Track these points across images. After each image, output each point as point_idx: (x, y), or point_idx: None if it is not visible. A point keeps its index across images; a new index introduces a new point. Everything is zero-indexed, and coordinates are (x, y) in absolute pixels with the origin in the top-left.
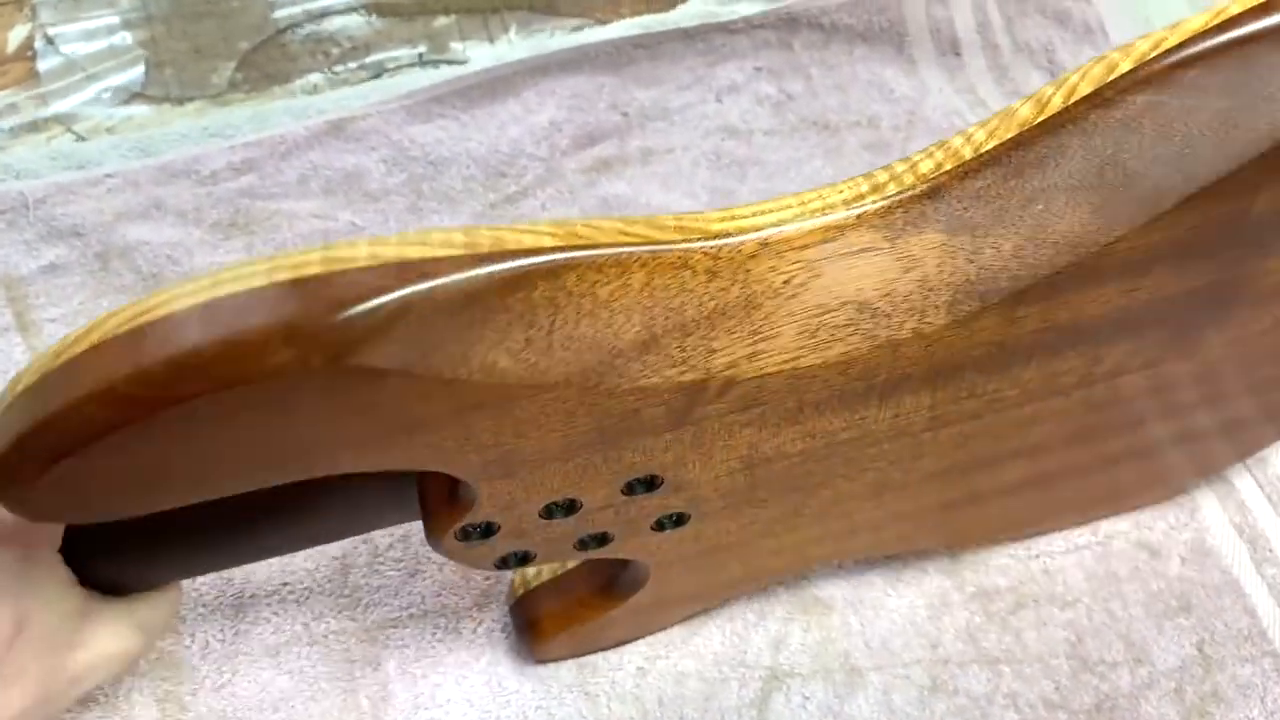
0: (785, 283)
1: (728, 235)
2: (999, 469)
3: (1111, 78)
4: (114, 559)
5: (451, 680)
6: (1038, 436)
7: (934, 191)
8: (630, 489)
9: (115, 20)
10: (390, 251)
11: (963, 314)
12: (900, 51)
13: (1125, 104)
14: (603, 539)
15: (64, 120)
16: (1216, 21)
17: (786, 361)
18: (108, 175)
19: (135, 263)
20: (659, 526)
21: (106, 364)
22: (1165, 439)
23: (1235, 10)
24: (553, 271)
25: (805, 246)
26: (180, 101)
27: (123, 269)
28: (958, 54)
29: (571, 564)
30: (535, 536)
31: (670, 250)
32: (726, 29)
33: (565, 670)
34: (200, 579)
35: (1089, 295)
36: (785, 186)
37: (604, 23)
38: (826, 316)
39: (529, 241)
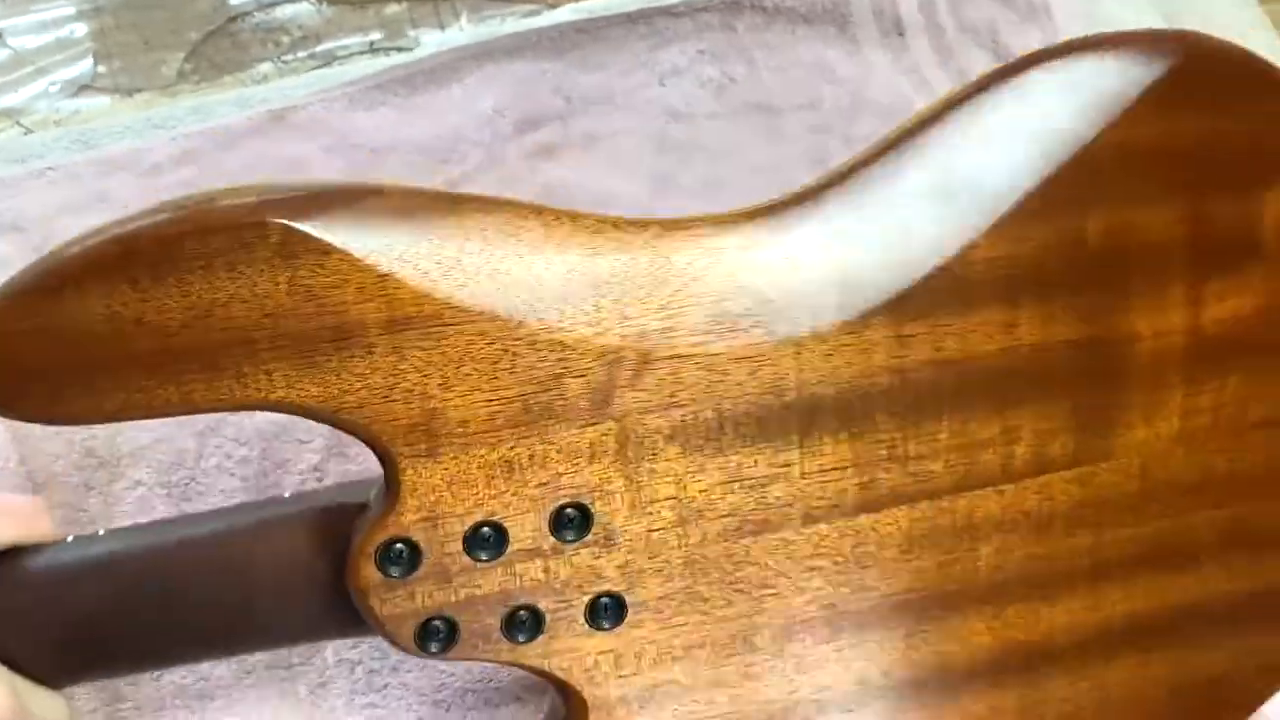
0: (688, 264)
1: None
2: (959, 623)
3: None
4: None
5: (388, 667)
6: (989, 567)
7: (815, 193)
8: (559, 524)
9: (66, 12)
10: None
11: (852, 313)
12: (843, 32)
13: (950, 119)
14: (535, 619)
15: (12, 114)
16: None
17: (696, 344)
18: (49, 169)
19: None
20: (594, 617)
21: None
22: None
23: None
24: (484, 206)
25: (702, 235)
26: (129, 93)
27: None
28: (901, 34)
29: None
30: (460, 590)
31: (588, 217)
32: (669, 12)
33: None
34: None
35: (970, 320)
36: (728, 170)
37: (555, 7)
38: (727, 303)
39: None
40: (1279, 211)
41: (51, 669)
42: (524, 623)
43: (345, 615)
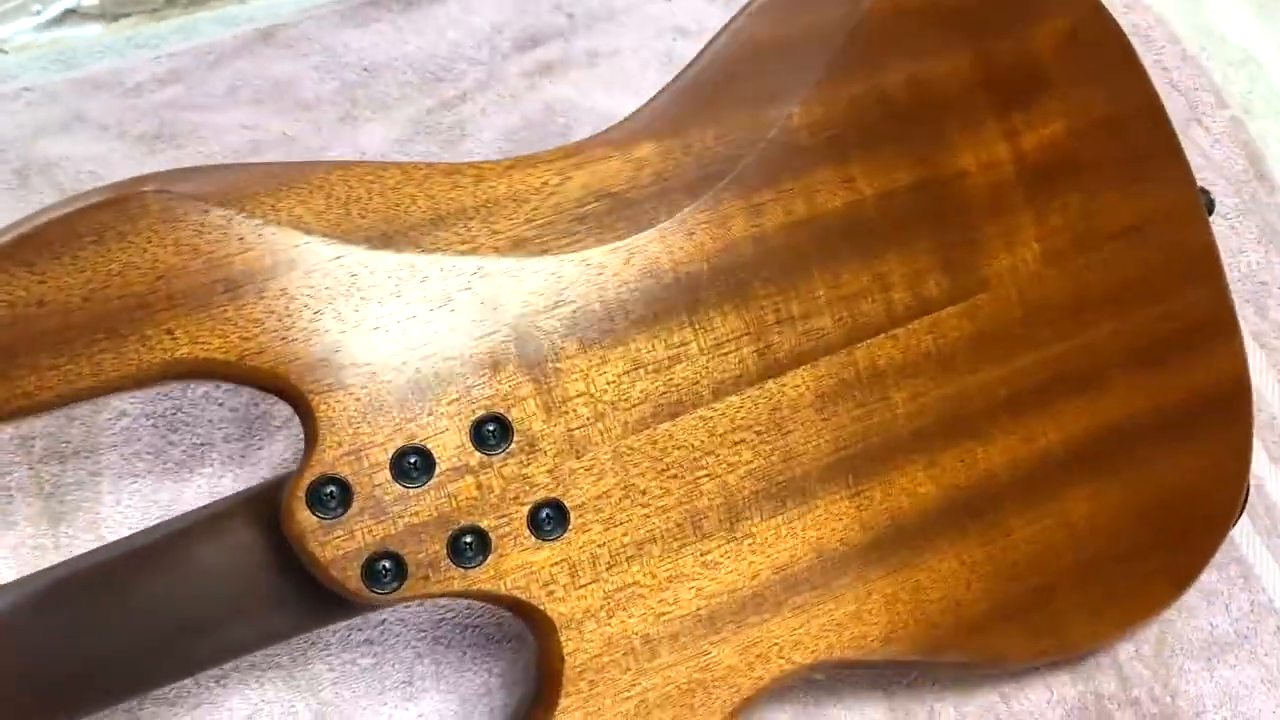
0: (543, 184)
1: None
2: (898, 477)
3: None
4: None
5: None
6: (907, 415)
7: (652, 109)
8: (480, 438)
9: None
10: None
11: (702, 193)
12: None
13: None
14: (481, 540)
15: None
16: None
17: (566, 245)
18: (25, 89)
19: (56, 178)
20: (538, 528)
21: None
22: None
23: None
24: (343, 164)
25: (552, 160)
26: (115, 18)
27: (43, 185)
28: None
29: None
30: (398, 520)
31: (441, 164)
32: None
33: None
34: None
35: (809, 180)
36: None
37: None
38: (587, 208)
39: None
40: (1049, 44)
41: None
42: (470, 545)
43: (304, 597)
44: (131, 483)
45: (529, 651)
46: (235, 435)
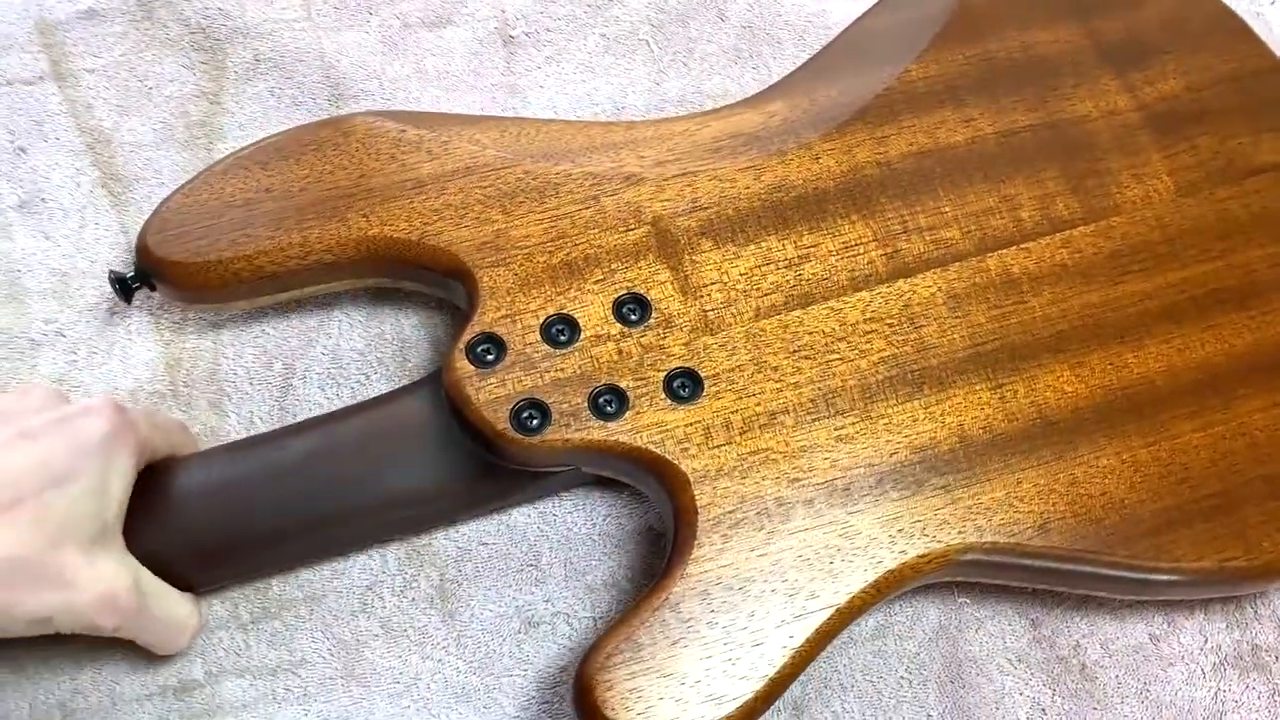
0: (684, 130)
1: None
2: (1041, 374)
3: None
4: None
5: None
6: (1045, 318)
7: (781, 83)
8: (621, 312)
9: None
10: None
11: (827, 129)
12: None
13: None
14: (620, 398)
15: None
16: None
17: (702, 164)
18: None
19: (182, 13)
20: (673, 391)
21: None
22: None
23: None
24: (516, 119)
25: (693, 117)
26: None
27: (169, 20)
28: None
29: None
30: (545, 374)
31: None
32: None
33: None
34: None
35: (930, 119)
36: None
37: None
38: (723, 143)
39: None
40: (1155, 22)
41: (189, 570)
42: (609, 402)
43: (468, 468)
44: None
45: (661, 546)
46: None
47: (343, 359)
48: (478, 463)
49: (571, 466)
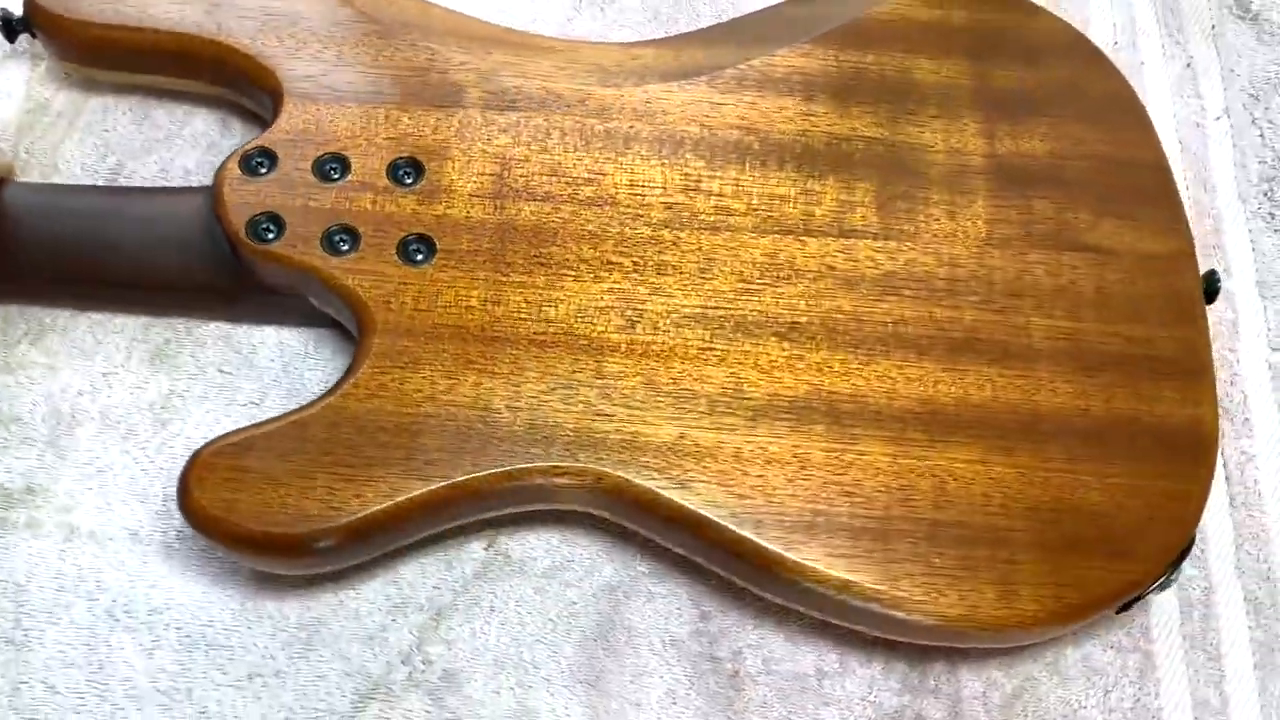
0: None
1: None
2: (762, 351)
3: None
4: None
5: None
6: (792, 309)
7: (676, 37)
8: (395, 171)
9: None
10: None
11: (671, 82)
12: None
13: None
14: (354, 240)
15: None
16: None
17: (519, 75)
18: None
19: None
20: (405, 251)
21: None
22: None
23: None
24: None
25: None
26: None
27: None
28: None
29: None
30: (298, 198)
31: None
32: None
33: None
34: None
35: (773, 102)
36: None
37: None
38: (566, 70)
39: None
40: (1046, 82)
41: None
42: (343, 241)
43: (221, 269)
44: None
45: None
46: None
47: (171, 173)
48: (229, 266)
49: (296, 292)
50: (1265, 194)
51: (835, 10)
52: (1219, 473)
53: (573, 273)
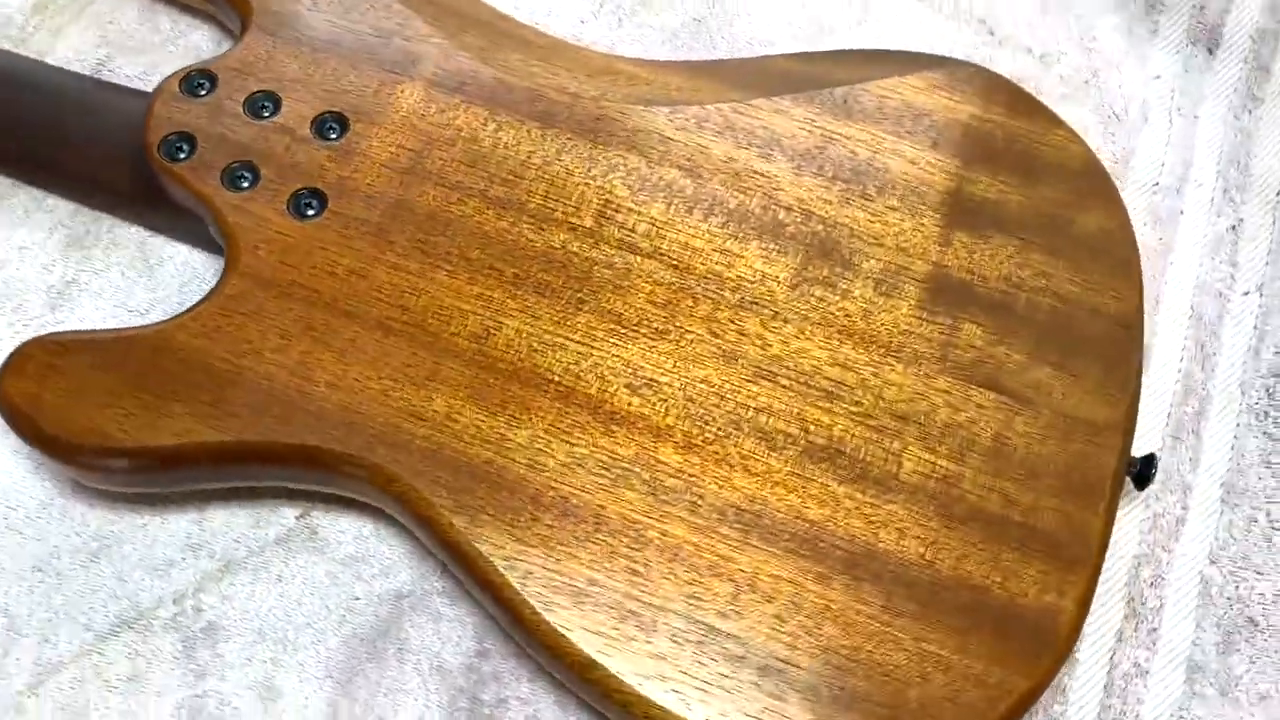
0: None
1: None
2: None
3: None
4: None
5: None
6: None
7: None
8: (321, 124)
9: None
10: None
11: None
12: None
13: None
14: (253, 179)
15: None
16: None
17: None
18: None
19: None
20: (296, 203)
21: None
22: None
23: None
24: None
25: None
26: None
27: None
28: None
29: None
30: (218, 126)
31: None
32: None
33: None
34: None
35: (723, 156)
36: None
37: None
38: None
39: None
40: (1036, 207)
41: None
42: (243, 179)
43: (140, 174)
44: None
45: None
46: None
47: (152, 77)
48: (148, 174)
49: (198, 215)
50: (1268, 390)
51: (835, 73)
52: (1097, 677)
53: (448, 268)
